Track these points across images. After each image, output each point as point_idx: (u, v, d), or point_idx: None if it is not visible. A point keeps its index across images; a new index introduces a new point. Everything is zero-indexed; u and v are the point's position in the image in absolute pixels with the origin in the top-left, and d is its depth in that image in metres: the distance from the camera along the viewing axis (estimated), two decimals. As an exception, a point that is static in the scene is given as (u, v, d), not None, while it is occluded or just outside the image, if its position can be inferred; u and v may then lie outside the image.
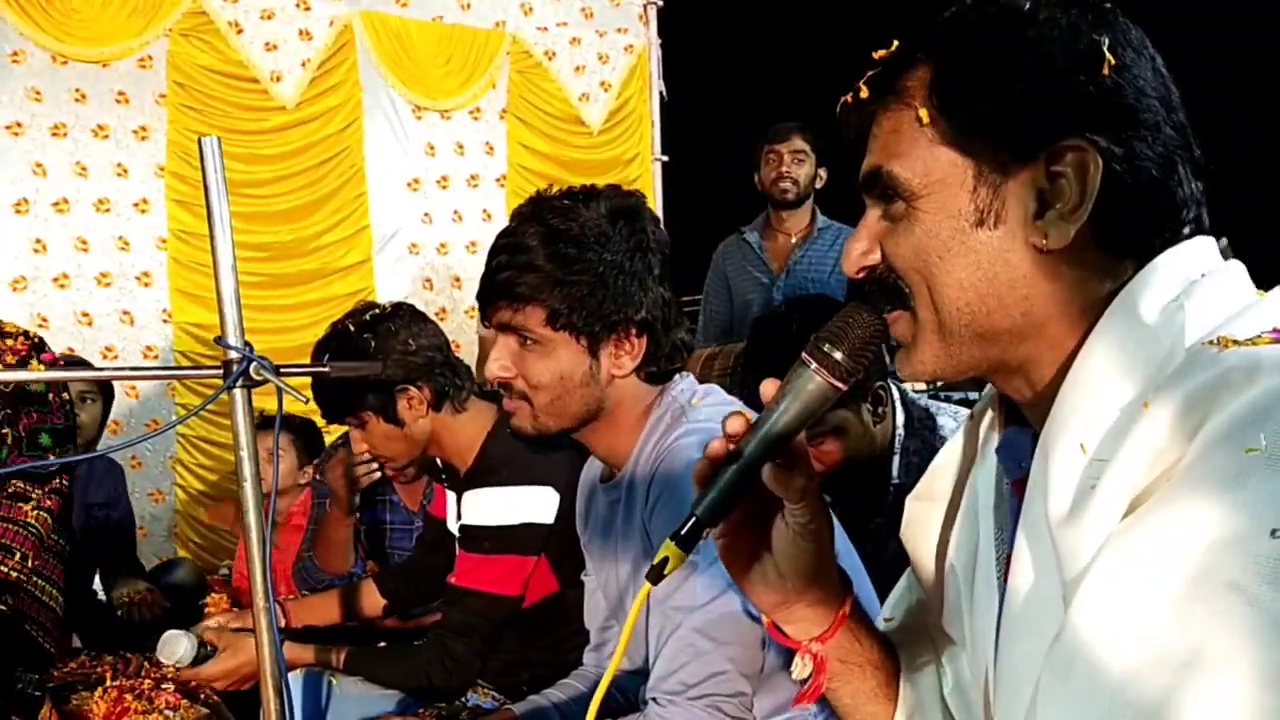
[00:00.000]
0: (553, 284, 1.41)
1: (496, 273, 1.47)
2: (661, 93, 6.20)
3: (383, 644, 2.23)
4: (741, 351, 3.15)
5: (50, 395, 2.20)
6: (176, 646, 2.05)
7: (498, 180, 5.78)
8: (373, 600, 2.35)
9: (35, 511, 2.11)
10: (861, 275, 0.86)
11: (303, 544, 2.75)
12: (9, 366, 2.12)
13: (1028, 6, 0.78)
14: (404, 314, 2.10)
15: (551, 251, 1.42)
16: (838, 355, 0.84)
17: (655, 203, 6.21)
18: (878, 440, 2.09)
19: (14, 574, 2.04)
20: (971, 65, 0.79)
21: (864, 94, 0.85)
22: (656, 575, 0.88)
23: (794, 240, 3.83)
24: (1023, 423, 0.87)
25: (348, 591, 2.37)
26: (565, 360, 1.45)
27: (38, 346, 2.21)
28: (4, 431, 2.13)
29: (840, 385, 0.85)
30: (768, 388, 0.87)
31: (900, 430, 2.10)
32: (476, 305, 1.63)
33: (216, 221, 1.61)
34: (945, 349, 0.82)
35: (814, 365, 0.85)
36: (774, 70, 9.42)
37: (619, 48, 6.05)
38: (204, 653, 2.08)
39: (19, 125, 4.61)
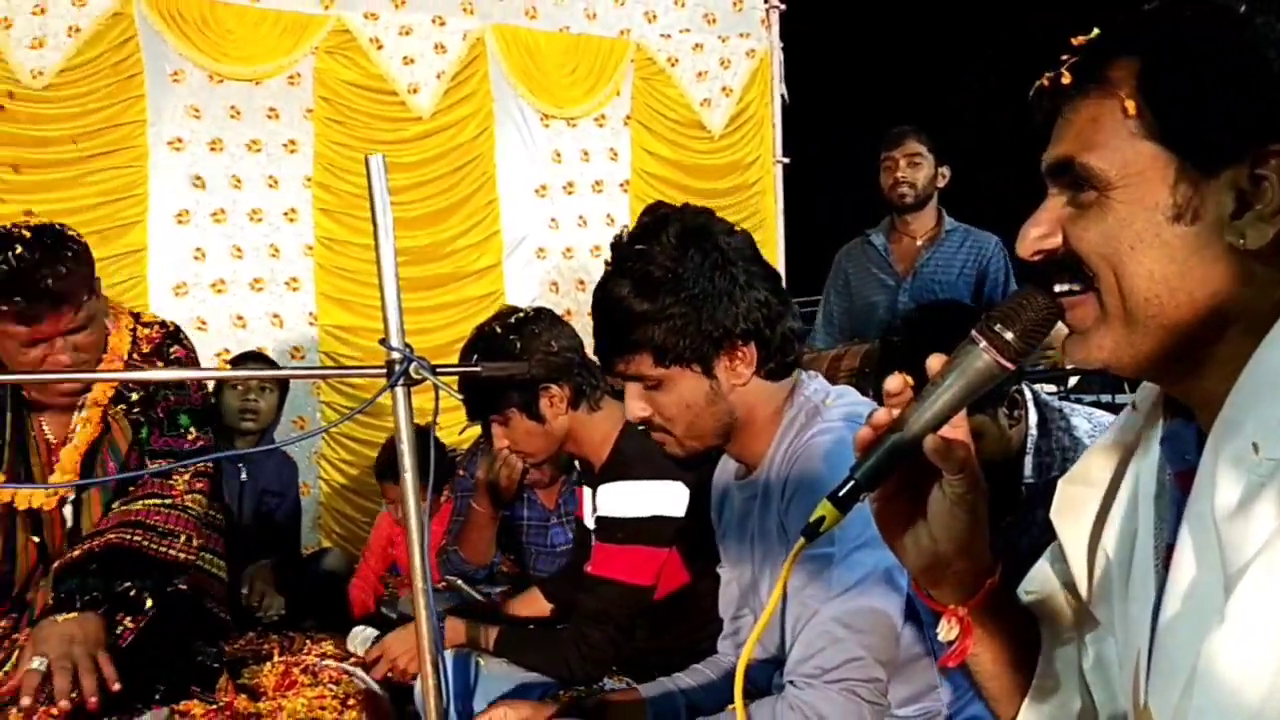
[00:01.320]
0: (649, 328, 1.49)
1: (600, 332, 1.57)
2: (783, 95, 6.23)
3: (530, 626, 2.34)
4: (869, 352, 3.18)
5: (188, 380, 2.38)
6: (365, 637, 2.32)
7: (621, 185, 5.91)
8: (540, 605, 2.46)
9: (189, 495, 2.28)
10: (1037, 259, 0.88)
11: (445, 534, 2.90)
12: (144, 355, 2.30)
13: (1243, 9, 0.79)
14: (545, 317, 2.23)
15: (640, 299, 1.49)
16: (1009, 335, 0.87)
17: (776, 205, 6.24)
18: (1013, 442, 2.12)
19: (183, 555, 2.21)
20: (1184, 63, 0.80)
21: (1066, 79, 0.86)
22: (812, 531, 0.93)
23: (919, 243, 3.83)
24: (1185, 415, 0.88)
25: (514, 597, 2.50)
26: (686, 390, 1.53)
27: (173, 335, 2.39)
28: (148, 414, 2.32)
29: (1008, 365, 0.88)
30: (934, 362, 0.91)
31: (1033, 431, 2.12)
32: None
33: (381, 232, 1.75)
34: (1128, 337, 0.84)
35: (983, 343, 0.87)
36: (896, 69, 9.31)
37: (740, 52, 6.11)
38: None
39: (179, 140, 4.94)
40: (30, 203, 4.64)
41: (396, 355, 1.71)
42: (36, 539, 2.24)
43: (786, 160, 6.31)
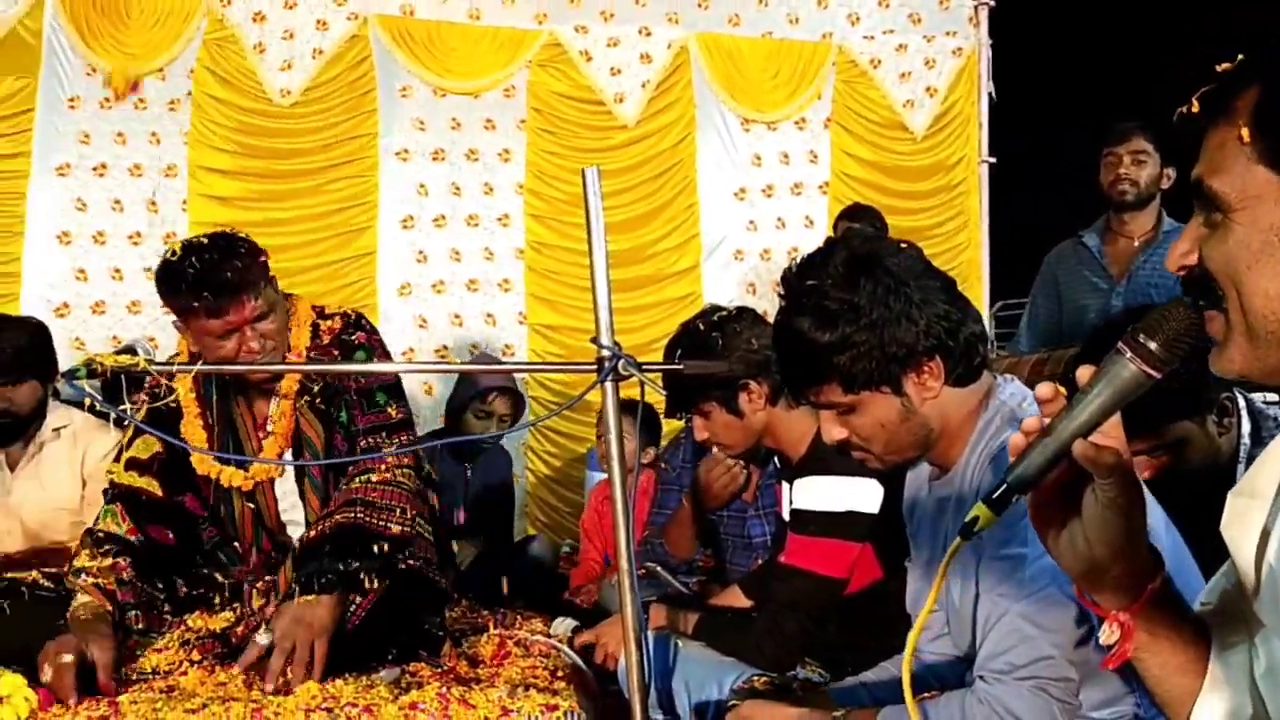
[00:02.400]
0: (834, 358, 1.53)
1: (786, 365, 1.64)
2: (990, 94, 6.08)
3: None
4: (1073, 358, 3.10)
5: (376, 359, 2.50)
6: (567, 626, 2.48)
7: (820, 188, 5.93)
8: (740, 602, 2.52)
9: (399, 469, 2.40)
10: (1182, 274, 0.94)
11: (647, 524, 3.04)
12: (324, 346, 2.46)
13: None
14: (746, 316, 2.31)
15: (820, 330, 1.53)
16: (1152, 345, 0.92)
17: (982, 206, 6.10)
18: (1223, 450, 2.05)
19: (401, 529, 2.36)
20: None
21: (1194, 109, 0.92)
22: (967, 531, 1.00)
23: (1136, 244, 3.68)
24: None
25: (715, 593, 2.60)
26: (879, 411, 1.57)
27: (354, 323, 2.53)
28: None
29: (1153, 374, 0.92)
30: (1083, 373, 0.95)
31: (1246, 439, 2.05)
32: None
33: (594, 239, 1.88)
34: (1252, 351, 0.89)
35: (1129, 354, 0.92)
36: (1109, 67, 8.86)
37: (946, 51, 6.01)
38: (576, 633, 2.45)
39: (406, 151, 5.34)
40: (273, 211, 5.13)
41: (606, 353, 1.83)
42: (252, 505, 2.48)
43: (993, 160, 6.16)
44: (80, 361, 1.88)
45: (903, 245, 1.65)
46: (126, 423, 2.20)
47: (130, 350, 2.62)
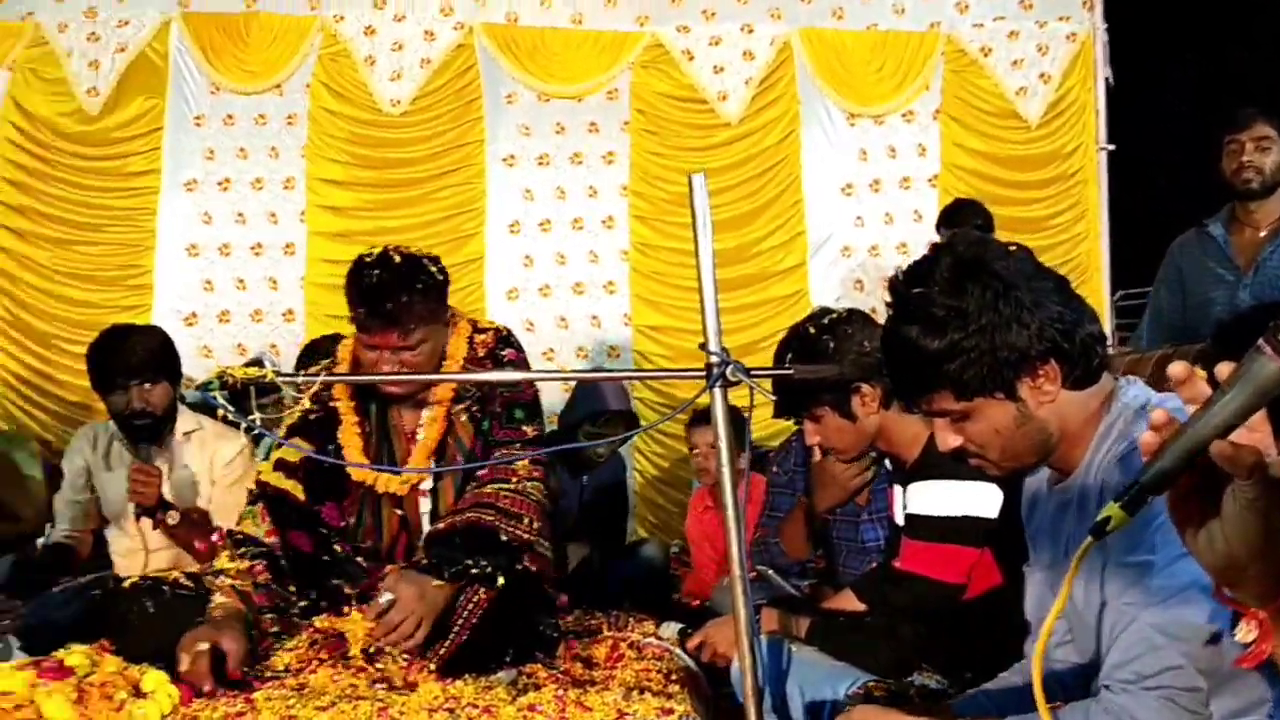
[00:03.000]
0: (944, 366, 1.50)
1: (896, 374, 1.61)
2: (1107, 79, 5.87)
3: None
4: (1198, 353, 2.98)
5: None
6: (673, 630, 2.54)
7: (929, 181, 5.81)
8: (854, 606, 2.53)
9: (529, 481, 2.51)
10: None
11: (758, 527, 3.03)
12: (479, 359, 2.56)
13: None
14: (857, 318, 2.29)
15: (929, 338, 1.50)
16: None
17: (1100, 195, 5.89)
18: None
19: (527, 536, 2.46)
20: None
21: None
22: (1099, 531, 0.97)
23: (1263, 234, 3.51)
24: None
25: (828, 597, 2.59)
26: (993, 417, 1.53)
27: (505, 339, 2.64)
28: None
29: None
30: (1224, 369, 0.92)
31: None
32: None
33: (702, 245, 1.88)
34: None
35: (1269, 351, 0.88)
36: (1229, 50, 8.46)
37: (1060, 36, 5.82)
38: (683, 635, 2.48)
39: (512, 157, 5.43)
40: (385, 220, 5.28)
41: (715, 359, 1.84)
42: (399, 511, 2.58)
43: (1111, 147, 5.95)
44: (213, 374, 1.97)
45: (1011, 247, 1.61)
46: (255, 431, 2.31)
47: (258, 363, 2.74)
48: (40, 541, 3.62)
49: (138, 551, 3.25)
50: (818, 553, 2.99)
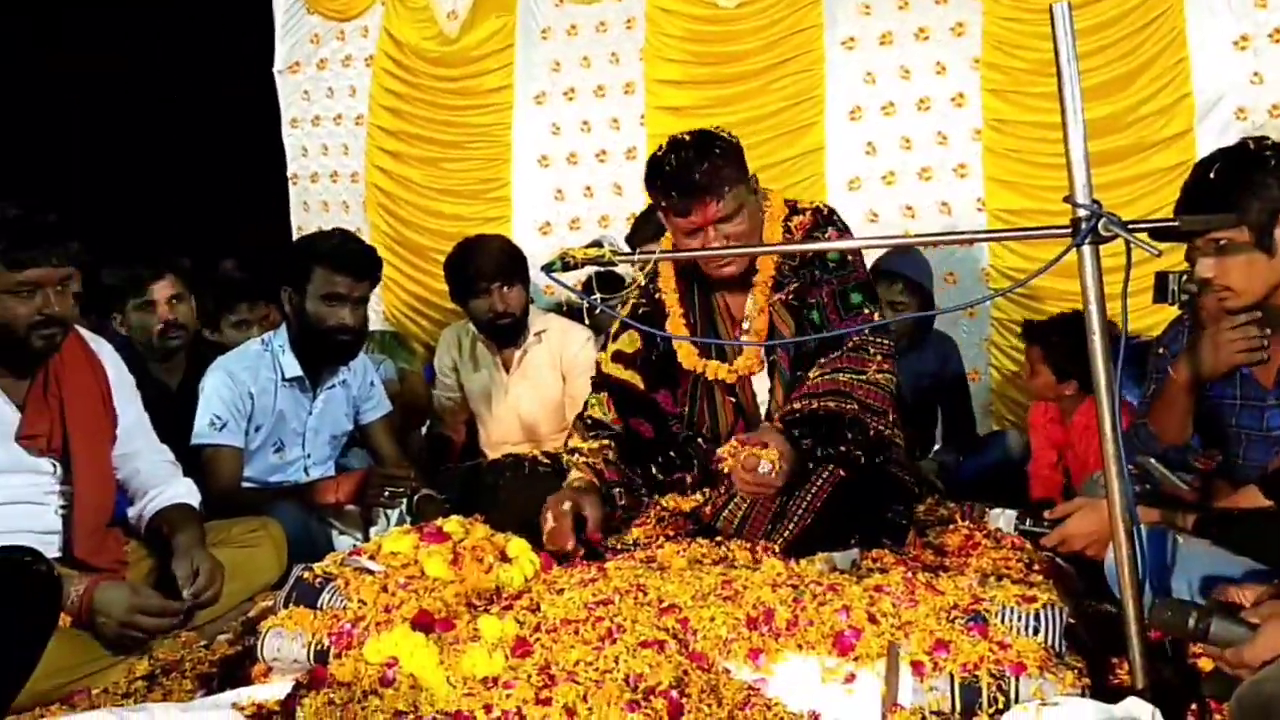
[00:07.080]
0: None
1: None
2: None
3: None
4: None
5: (849, 258, 2.49)
6: (1008, 518, 2.36)
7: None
8: (1259, 503, 2.20)
9: (880, 373, 2.39)
10: None
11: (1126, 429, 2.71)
12: (794, 241, 2.47)
13: None
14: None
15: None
16: None
17: None
18: None
19: (889, 432, 2.37)
20: None
21: None
22: None
23: None
24: None
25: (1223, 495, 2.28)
26: None
27: (826, 218, 2.52)
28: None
29: None
30: None
31: None
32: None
33: (1066, 85, 1.67)
34: None
35: None
36: None
37: None
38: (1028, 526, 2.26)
39: (852, 40, 5.17)
40: (722, 116, 5.22)
41: (1083, 211, 1.63)
42: (733, 399, 2.56)
43: None
44: (555, 255, 2.04)
45: None
46: (598, 311, 2.39)
47: (598, 244, 2.82)
48: (422, 431, 4.00)
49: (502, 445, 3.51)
50: (1207, 449, 2.63)
